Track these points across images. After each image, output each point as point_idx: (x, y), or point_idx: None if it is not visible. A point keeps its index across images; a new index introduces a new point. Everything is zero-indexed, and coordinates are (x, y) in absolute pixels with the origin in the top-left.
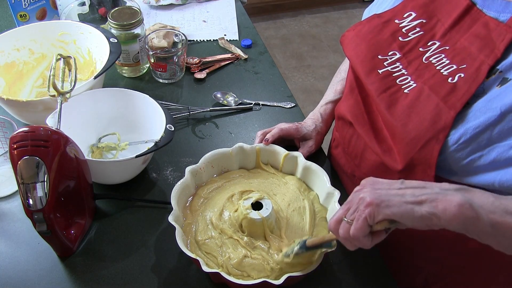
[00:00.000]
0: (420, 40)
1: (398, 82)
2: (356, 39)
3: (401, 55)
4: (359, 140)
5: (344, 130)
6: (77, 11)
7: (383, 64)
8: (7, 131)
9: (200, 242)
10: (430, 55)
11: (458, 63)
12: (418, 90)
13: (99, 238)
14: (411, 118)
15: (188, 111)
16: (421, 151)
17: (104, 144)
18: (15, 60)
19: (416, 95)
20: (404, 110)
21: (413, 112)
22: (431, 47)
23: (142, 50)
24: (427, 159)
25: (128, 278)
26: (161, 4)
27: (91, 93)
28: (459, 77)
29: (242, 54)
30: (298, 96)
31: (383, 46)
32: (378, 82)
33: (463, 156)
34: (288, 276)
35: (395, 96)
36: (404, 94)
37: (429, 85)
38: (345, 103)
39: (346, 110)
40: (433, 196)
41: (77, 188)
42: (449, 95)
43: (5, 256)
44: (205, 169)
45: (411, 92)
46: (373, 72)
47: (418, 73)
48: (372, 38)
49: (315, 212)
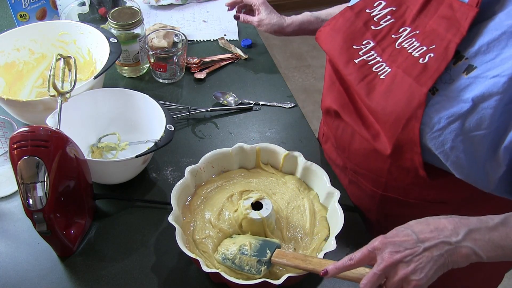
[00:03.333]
0: (392, 27)
1: (374, 70)
2: (332, 33)
3: (375, 43)
4: (347, 129)
5: (331, 122)
6: (77, 11)
7: (359, 53)
8: (7, 131)
9: (198, 241)
10: (402, 41)
11: (428, 45)
12: (393, 74)
13: (99, 238)
14: (389, 102)
15: (188, 111)
16: (403, 131)
17: (104, 144)
18: (15, 60)
19: (391, 79)
20: (381, 95)
21: (390, 95)
22: (403, 33)
23: (142, 50)
24: (411, 137)
25: (128, 278)
26: (161, 4)
27: (91, 93)
28: (430, 57)
29: (242, 54)
30: (298, 96)
31: (357, 36)
32: (355, 72)
33: (439, 144)
34: (288, 276)
35: (373, 83)
36: (380, 80)
37: (402, 68)
38: (329, 96)
39: (331, 102)
40: (448, 253)
41: (77, 188)
42: (421, 74)
43: (5, 256)
44: (205, 169)
45: (386, 77)
46: (350, 63)
47: (392, 59)
48: (346, 30)
49: (315, 211)
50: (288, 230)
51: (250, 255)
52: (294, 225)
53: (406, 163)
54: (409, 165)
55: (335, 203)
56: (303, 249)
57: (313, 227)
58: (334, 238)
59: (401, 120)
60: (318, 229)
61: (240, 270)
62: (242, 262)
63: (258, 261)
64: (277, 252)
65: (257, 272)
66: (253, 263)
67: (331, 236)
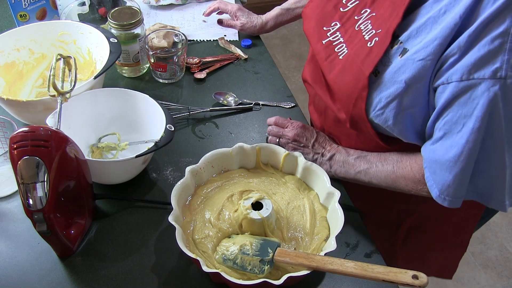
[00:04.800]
0: (356, 8)
1: (336, 50)
2: (309, 13)
3: (341, 24)
4: (321, 100)
5: (310, 90)
6: (77, 11)
7: (327, 35)
8: (7, 131)
9: (197, 241)
10: (361, 23)
11: (376, 28)
12: (347, 55)
13: (99, 238)
14: (342, 81)
15: (188, 111)
16: (354, 109)
17: (104, 144)
18: (15, 60)
19: (345, 61)
20: (337, 75)
21: (343, 76)
22: (363, 14)
23: (142, 50)
24: (361, 115)
25: (128, 278)
26: (161, 4)
27: (91, 93)
28: (375, 41)
29: (242, 54)
30: (298, 96)
31: (327, 18)
32: (322, 51)
33: (383, 121)
34: (288, 276)
35: (333, 62)
36: (339, 60)
37: (354, 50)
38: (308, 69)
39: (307, 74)
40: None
41: (77, 188)
42: (366, 58)
43: (5, 256)
44: (205, 169)
45: (343, 58)
46: (319, 43)
47: (350, 40)
48: (319, 12)
49: (316, 211)
50: (288, 230)
51: (252, 254)
52: (294, 225)
53: (365, 133)
54: (367, 135)
55: (335, 203)
56: (304, 249)
57: (313, 227)
58: (334, 238)
59: (351, 99)
60: (318, 229)
61: (242, 270)
62: (244, 262)
63: (261, 260)
64: (279, 251)
65: (260, 272)
66: (256, 262)
67: (331, 236)
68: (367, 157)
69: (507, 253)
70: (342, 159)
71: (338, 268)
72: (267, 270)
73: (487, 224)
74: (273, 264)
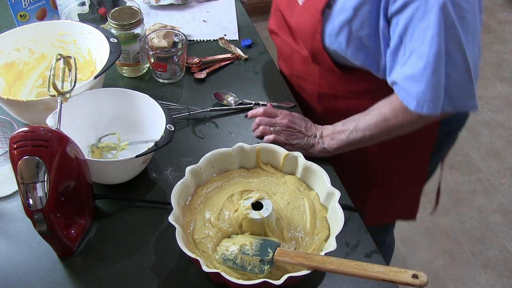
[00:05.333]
0: None
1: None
2: None
3: None
4: (287, 45)
5: (277, 40)
6: (77, 11)
7: None
8: (7, 131)
9: (197, 241)
10: None
11: None
12: None
13: (99, 238)
14: (301, 20)
15: (188, 111)
16: (313, 43)
17: (104, 144)
18: (15, 60)
19: (303, 4)
20: (297, 17)
21: (302, 16)
22: None
23: (142, 50)
24: (319, 48)
25: (128, 278)
26: (161, 4)
27: (91, 93)
28: None
29: (242, 54)
30: None
31: None
32: (284, 1)
33: (337, 46)
34: (288, 276)
35: (293, 7)
36: (298, 5)
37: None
38: (272, 20)
39: (273, 25)
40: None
41: (77, 188)
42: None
43: (5, 256)
44: (205, 169)
45: (303, 3)
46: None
47: None
48: None
49: (316, 211)
50: (288, 230)
51: (252, 254)
52: (294, 225)
53: (325, 65)
54: (327, 66)
55: (335, 203)
56: (304, 249)
57: (313, 227)
58: (334, 238)
59: (309, 35)
60: (318, 229)
61: (242, 270)
62: (244, 262)
63: (261, 260)
64: (279, 250)
65: (260, 272)
66: (256, 262)
67: (331, 236)
68: (352, 118)
69: (507, 253)
70: (330, 132)
71: (338, 268)
72: (267, 270)
73: (487, 224)
74: (273, 264)
